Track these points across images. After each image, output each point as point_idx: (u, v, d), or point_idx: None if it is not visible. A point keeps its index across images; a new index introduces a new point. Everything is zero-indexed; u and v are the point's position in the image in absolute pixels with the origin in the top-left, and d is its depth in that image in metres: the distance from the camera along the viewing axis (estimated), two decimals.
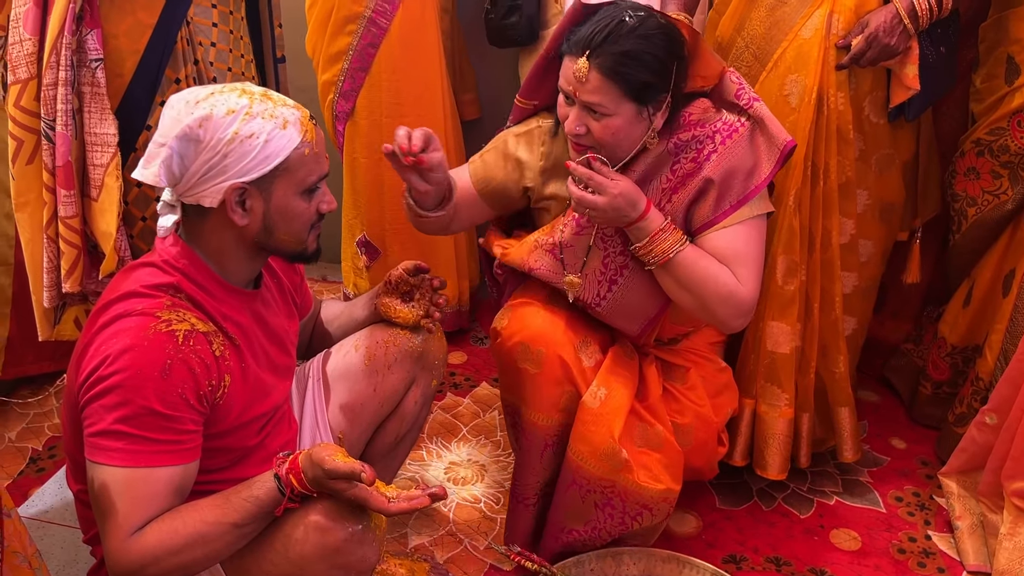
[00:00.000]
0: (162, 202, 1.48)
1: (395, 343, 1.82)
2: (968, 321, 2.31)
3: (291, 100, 1.48)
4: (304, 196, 1.47)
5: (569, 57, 1.70)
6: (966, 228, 2.26)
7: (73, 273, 2.06)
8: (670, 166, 1.80)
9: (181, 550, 1.32)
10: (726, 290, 1.75)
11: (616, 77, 1.65)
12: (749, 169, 1.78)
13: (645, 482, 1.82)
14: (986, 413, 2.02)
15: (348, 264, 2.89)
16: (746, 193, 1.77)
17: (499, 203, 1.95)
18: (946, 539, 2.10)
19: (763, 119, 1.78)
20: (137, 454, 1.33)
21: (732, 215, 1.77)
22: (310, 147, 1.45)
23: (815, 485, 2.27)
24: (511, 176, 1.92)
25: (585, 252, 1.85)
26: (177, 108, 1.41)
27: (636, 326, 1.92)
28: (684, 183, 1.79)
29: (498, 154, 1.92)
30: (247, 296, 1.55)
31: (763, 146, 1.78)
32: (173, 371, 1.34)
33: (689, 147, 1.79)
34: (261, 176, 1.41)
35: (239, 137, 1.39)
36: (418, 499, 1.35)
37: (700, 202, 1.79)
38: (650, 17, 1.69)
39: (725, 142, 1.77)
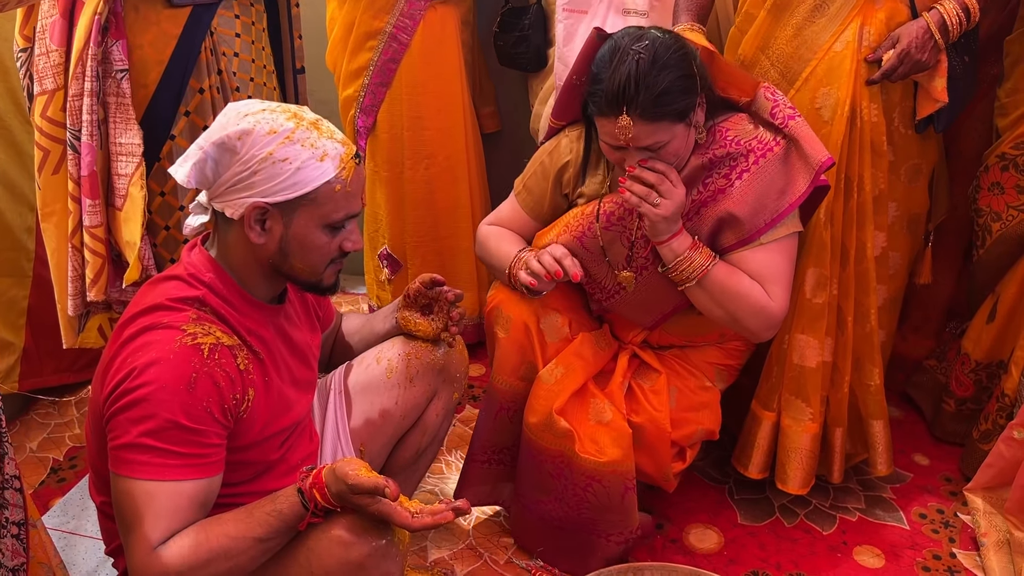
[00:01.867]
0: (196, 201, 1.49)
1: (417, 356, 1.82)
2: (992, 337, 2.28)
3: (341, 135, 1.48)
4: (327, 230, 1.47)
5: (605, 119, 1.71)
6: (990, 243, 2.24)
7: (98, 282, 2.08)
8: (702, 180, 1.82)
9: (205, 564, 1.31)
10: (758, 305, 1.80)
11: (660, 117, 1.67)
12: (782, 188, 1.79)
13: (587, 453, 1.85)
14: (1015, 428, 1.99)
15: (371, 277, 2.90)
16: (780, 212, 1.79)
17: (550, 218, 2.00)
18: (971, 557, 2.07)
19: (799, 139, 1.78)
20: (162, 467, 1.33)
21: (766, 233, 1.80)
22: (343, 184, 1.44)
23: (837, 501, 2.25)
24: (556, 194, 1.98)
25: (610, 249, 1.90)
26: (228, 115, 1.42)
27: (651, 318, 1.97)
28: (715, 198, 1.81)
29: (538, 178, 1.99)
30: (271, 311, 1.55)
31: (798, 164, 1.79)
32: (199, 385, 1.35)
33: (723, 163, 1.81)
34: (286, 201, 1.41)
35: (272, 158, 1.39)
36: (441, 514, 1.35)
37: (731, 220, 1.80)
38: (655, 41, 1.69)
39: (759, 161, 1.78)
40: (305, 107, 1.50)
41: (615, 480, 1.87)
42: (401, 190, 2.65)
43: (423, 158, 2.63)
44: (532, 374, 1.94)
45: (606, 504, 1.90)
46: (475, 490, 2.08)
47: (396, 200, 2.67)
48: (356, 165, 1.47)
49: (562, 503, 1.94)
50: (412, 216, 2.67)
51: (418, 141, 2.61)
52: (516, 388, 1.97)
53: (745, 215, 1.79)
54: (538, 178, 1.98)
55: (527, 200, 2.00)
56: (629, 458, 1.89)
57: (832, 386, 2.12)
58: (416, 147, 2.62)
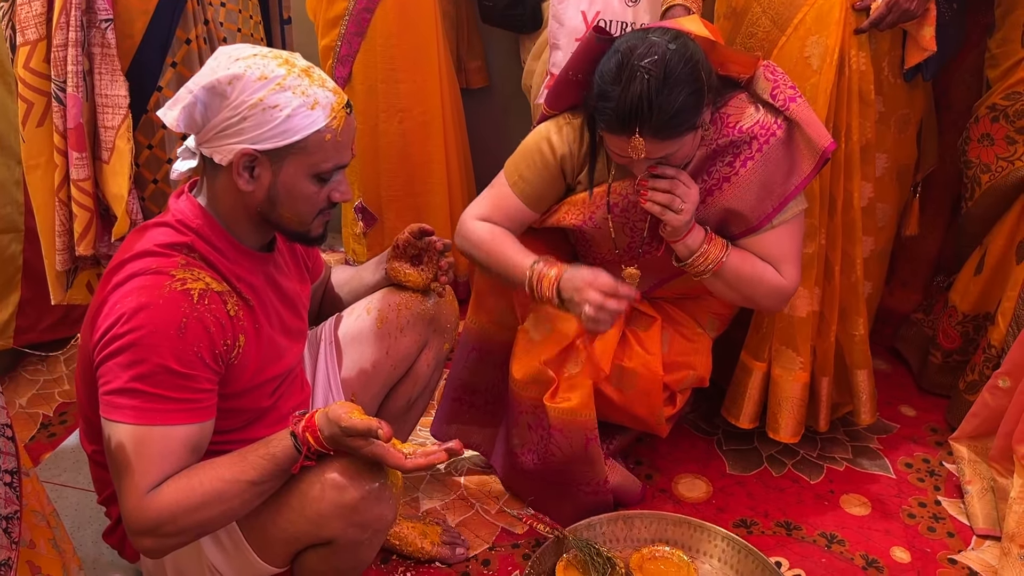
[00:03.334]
0: (184, 146, 1.47)
1: (407, 306, 1.82)
2: (980, 289, 2.30)
3: (333, 84, 1.46)
4: (315, 180, 1.45)
5: (615, 137, 1.68)
6: (979, 195, 2.25)
7: (86, 236, 2.06)
8: (707, 169, 1.82)
9: (198, 507, 1.32)
10: (771, 286, 1.83)
11: (673, 133, 1.64)
12: (787, 172, 1.79)
13: (550, 402, 1.87)
14: (999, 377, 2.01)
15: (347, 231, 2.90)
16: (785, 196, 1.80)
17: (547, 207, 1.95)
18: (956, 504, 2.10)
19: (801, 123, 1.77)
20: (153, 412, 1.33)
21: (775, 217, 1.81)
22: (333, 134, 1.43)
23: (825, 451, 2.28)
24: (556, 183, 1.92)
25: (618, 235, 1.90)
26: (219, 59, 1.40)
27: (646, 286, 1.99)
28: (719, 186, 1.81)
29: (538, 168, 1.89)
30: (260, 259, 1.54)
31: (802, 148, 1.79)
32: (189, 329, 1.34)
33: (726, 151, 1.80)
34: (275, 148, 1.40)
35: (263, 105, 1.37)
36: (435, 454, 1.36)
37: (737, 211, 1.81)
38: (663, 56, 1.61)
39: (762, 148, 1.78)
40: (297, 54, 1.48)
41: (576, 430, 1.89)
42: (375, 143, 2.64)
43: (397, 111, 2.62)
44: (506, 319, 1.97)
45: (570, 454, 1.92)
46: (444, 427, 2.13)
47: (370, 153, 2.66)
48: (347, 115, 1.46)
49: (535, 454, 1.97)
50: (386, 169, 2.66)
51: (392, 94, 2.59)
52: (488, 331, 2.00)
53: (752, 203, 1.80)
54: (538, 168, 1.89)
55: (526, 191, 1.90)
56: (587, 407, 1.89)
57: (819, 336, 2.14)
58: (390, 100, 2.60)
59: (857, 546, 1.98)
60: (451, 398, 2.12)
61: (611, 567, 1.84)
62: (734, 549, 1.88)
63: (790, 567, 1.93)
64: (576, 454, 1.93)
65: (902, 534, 2.02)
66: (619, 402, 1.99)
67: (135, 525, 1.33)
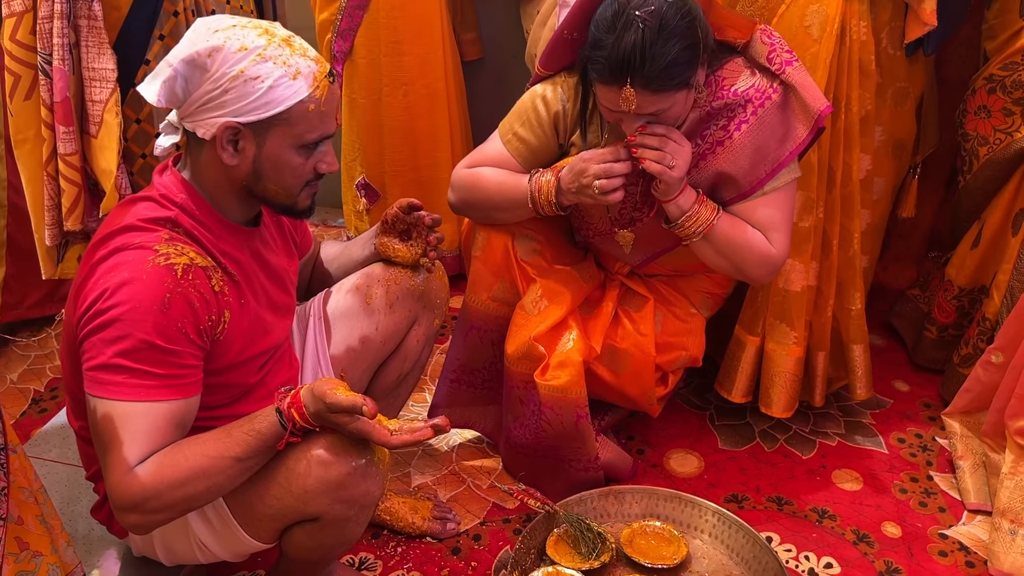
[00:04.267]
0: (167, 121, 1.45)
1: (396, 282, 1.81)
2: (976, 262, 2.29)
3: (315, 52, 1.44)
4: (300, 151, 1.44)
5: (606, 87, 1.66)
6: (977, 168, 2.23)
7: (74, 211, 2.05)
8: (701, 132, 1.80)
9: (183, 483, 1.32)
10: (761, 254, 1.80)
11: (665, 87, 1.63)
12: (781, 137, 1.77)
13: (541, 378, 1.87)
14: (992, 352, 2.01)
15: (349, 207, 2.87)
16: (780, 161, 1.77)
17: (538, 167, 1.92)
18: (948, 479, 2.10)
19: (796, 86, 1.75)
20: (137, 388, 1.32)
21: (768, 183, 1.79)
22: (317, 104, 1.41)
23: (817, 427, 2.27)
24: (550, 141, 1.90)
25: None
26: (197, 31, 1.38)
27: (639, 258, 1.98)
28: (713, 150, 1.79)
29: (532, 126, 1.88)
30: (246, 233, 1.53)
31: (797, 112, 1.77)
32: (172, 305, 1.33)
33: (721, 115, 1.78)
34: (258, 120, 1.38)
35: (244, 76, 1.35)
36: (421, 431, 1.35)
37: (730, 175, 1.79)
38: (662, 6, 1.60)
39: (757, 111, 1.76)
40: (277, 23, 1.46)
41: (566, 407, 1.89)
42: (379, 117, 2.61)
43: (401, 84, 2.58)
44: (506, 295, 1.96)
45: (561, 431, 1.92)
46: (447, 411, 2.11)
47: (374, 128, 2.64)
48: (330, 84, 1.44)
49: (527, 429, 1.97)
50: (390, 144, 2.63)
51: (396, 67, 2.56)
52: (489, 308, 1.98)
53: (745, 168, 1.78)
54: (532, 126, 1.88)
55: (520, 149, 1.89)
56: (577, 386, 1.89)
57: (815, 310, 2.13)
58: (394, 73, 2.57)
59: (848, 521, 1.98)
60: (449, 380, 2.11)
61: (601, 542, 1.84)
62: (725, 524, 1.88)
63: (781, 542, 1.93)
64: (567, 430, 1.92)
65: (893, 509, 2.02)
66: (611, 382, 1.98)
67: (120, 501, 1.32)
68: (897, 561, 1.88)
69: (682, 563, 1.83)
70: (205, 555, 1.58)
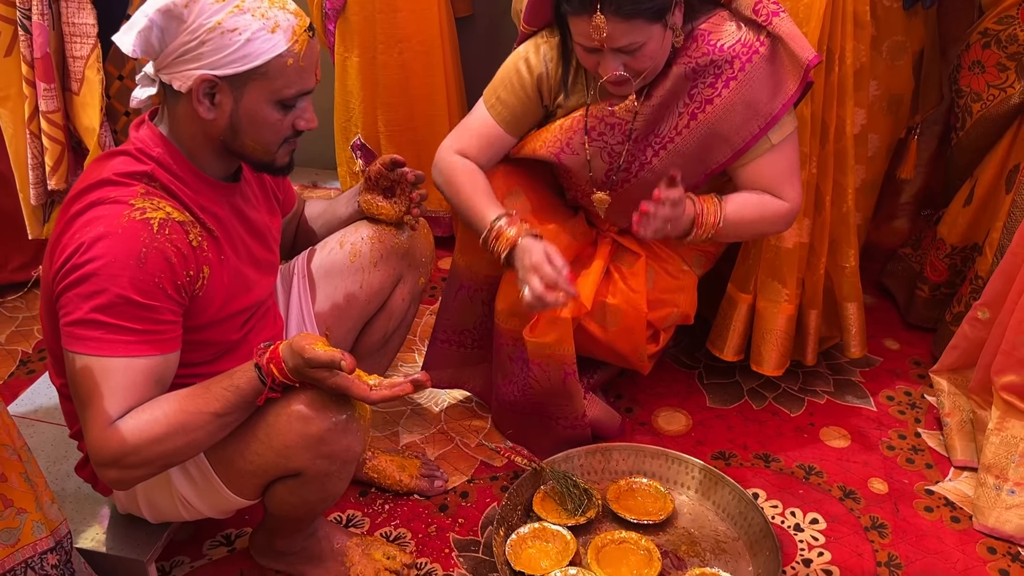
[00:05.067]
0: (143, 73, 1.43)
1: (380, 240, 1.79)
2: (968, 220, 2.27)
3: (294, 6, 1.41)
4: (278, 107, 1.41)
5: (578, 17, 1.63)
6: (970, 125, 2.20)
7: (58, 170, 2.04)
8: (688, 91, 1.77)
9: (162, 439, 1.31)
10: (776, 217, 1.83)
11: (635, 15, 1.59)
12: (772, 90, 1.74)
13: (530, 335, 1.87)
14: (979, 308, 2.00)
15: (343, 169, 2.84)
16: (773, 114, 1.75)
17: (525, 131, 1.91)
18: (935, 436, 2.10)
19: (783, 37, 1.72)
20: (114, 343, 1.31)
21: (761, 139, 1.77)
22: (296, 58, 1.38)
23: (806, 385, 2.27)
24: (534, 105, 1.88)
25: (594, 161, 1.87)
26: None
27: (627, 221, 1.91)
28: (703, 109, 1.77)
29: (515, 89, 1.86)
30: (225, 188, 1.51)
31: (786, 64, 1.74)
32: (149, 260, 1.32)
33: (707, 71, 1.75)
34: (235, 74, 1.36)
35: (221, 28, 1.33)
36: (400, 386, 1.35)
37: (722, 130, 1.76)
38: None
39: (745, 67, 1.72)
40: None
41: (554, 364, 1.88)
42: (374, 76, 2.57)
43: (396, 41, 2.54)
44: None
45: (548, 388, 1.92)
46: (438, 373, 2.11)
47: (369, 86, 2.60)
48: (309, 38, 1.42)
49: (515, 386, 1.97)
50: (386, 103, 2.59)
51: (391, 23, 2.52)
52: (476, 267, 1.97)
53: (736, 124, 1.75)
54: (514, 89, 1.86)
55: (503, 114, 1.87)
56: (566, 343, 1.88)
57: (808, 268, 2.11)
58: (389, 30, 2.52)
59: (835, 477, 1.98)
60: (440, 340, 2.10)
61: (587, 498, 1.85)
62: (711, 480, 1.88)
63: (767, 498, 1.93)
64: (555, 388, 1.92)
65: (880, 466, 2.02)
66: (601, 338, 1.97)
67: (99, 456, 1.32)
68: (883, 517, 1.88)
69: (668, 519, 1.84)
70: (189, 512, 1.58)
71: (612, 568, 1.71)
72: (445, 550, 1.81)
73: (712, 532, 1.83)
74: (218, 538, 1.83)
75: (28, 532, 1.46)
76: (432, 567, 1.77)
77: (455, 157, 1.87)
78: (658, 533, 1.82)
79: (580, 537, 1.79)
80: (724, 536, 1.82)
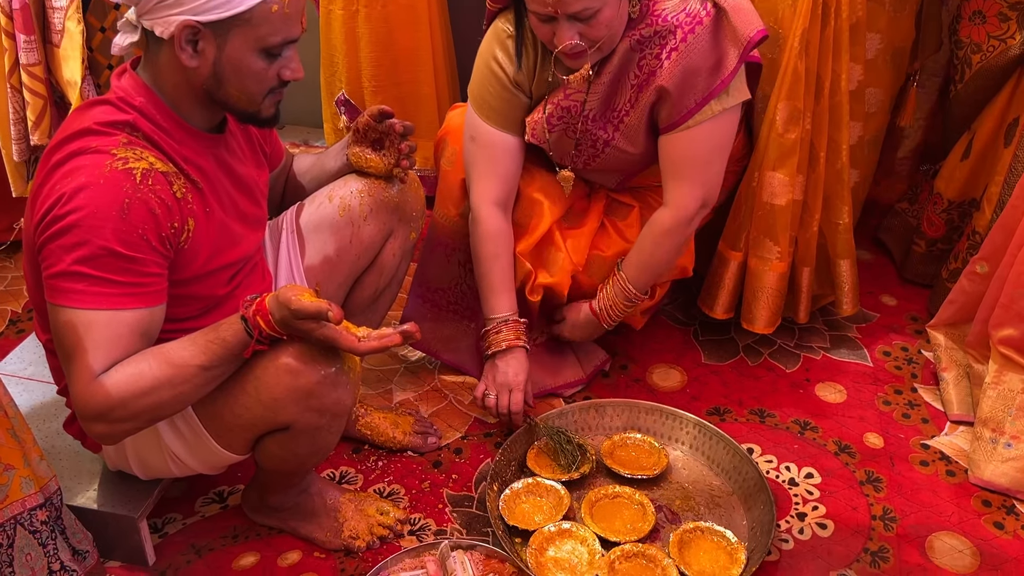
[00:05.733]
0: (124, 18, 1.39)
1: (370, 193, 1.76)
2: (966, 175, 2.24)
3: None
4: (263, 55, 1.38)
5: None
6: (969, 77, 2.17)
7: (40, 124, 2.00)
8: (636, 63, 1.73)
9: (148, 392, 1.30)
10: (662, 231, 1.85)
11: None
12: (713, 64, 1.70)
13: (532, 296, 1.89)
14: (977, 262, 1.98)
15: (329, 125, 2.80)
16: (711, 89, 1.70)
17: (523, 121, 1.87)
18: (932, 391, 2.09)
19: (727, 9, 1.67)
20: (98, 296, 1.29)
21: (697, 114, 1.72)
22: (280, 5, 1.34)
23: (802, 341, 2.26)
24: (518, 100, 1.84)
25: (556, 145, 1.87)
26: None
27: (612, 182, 1.96)
28: (648, 81, 1.73)
29: (496, 93, 1.83)
30: (210, 140, 1.48)
31: (729, 37, 1.69)
32: (132, 211, 1.29)
33: (652, 42, 1.70)
34: (219, 20, 1.32)
35: None
36: (389, 337, 1.33)
37: (664, 101, 1.72)
38: None
39: (686, 38, 1.68)
40: None
41: None
42: (356, 30, 2.52)
43: None
44: None
45: None
46: None
47: (351, 41, 2.55)
48: None
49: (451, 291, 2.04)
50: (369, 58, 2.54)
51: None
52: (457, 225, 1.95)
53: (675, 93, 1.71)
54: (497, 92, 1.82)
55: (499, 120, 1.84)
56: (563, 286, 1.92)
57: (801, 226, 2.09)
58: None
59: (830, 432, 1.98)
60: (416, 295, 2.10)
61: (581, 454, 1.84)
62: (705, 435, 1.87)
63: (762, 453, 1.92)
64: None
65: (876, 420, 2.01)
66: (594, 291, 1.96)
67: (85, 410, 1.30)
68: (878, 471, 1.87)
69: (662, 474, 1.83)
70: (180, 468, 1.56)
71: (606, 522, 1.71)
72: (439, 506, 1.80)
73: (706, 487, 1.82)
74: (211, 495, 1.82)
75: (16, 488, 1.45)
76: (426, 522, 1.76)
77: (491, 216, 1.87)
78: (652, 488, 1.81)
79: (574, 492, 1.79)
80: (718, 491, 1.81)
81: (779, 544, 1.71)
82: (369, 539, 1.69)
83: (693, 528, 1.67)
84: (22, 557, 1.46)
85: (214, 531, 1.74)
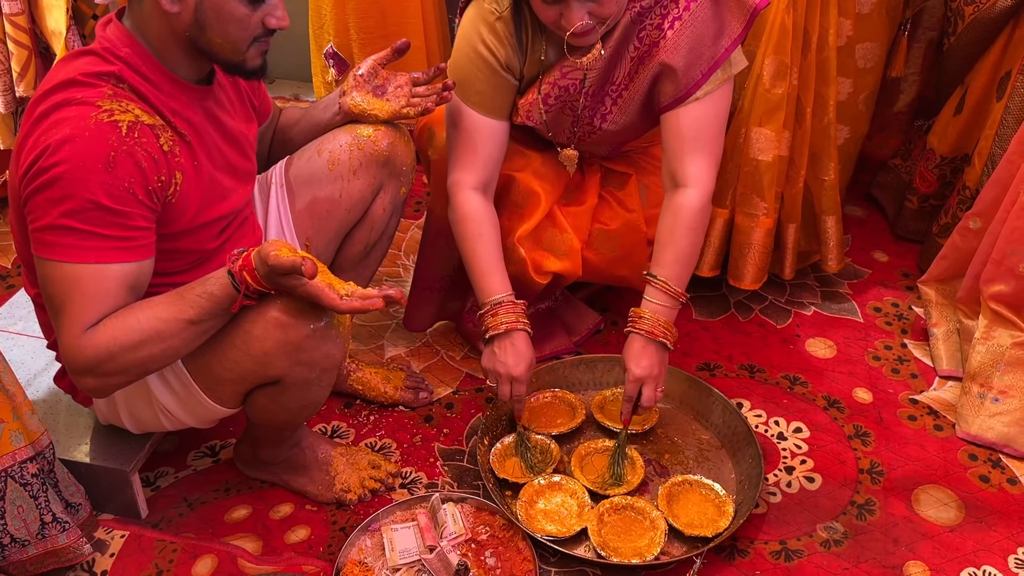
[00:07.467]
0: None
1: (359, 147, 1.74)
2: (959, 129, 2.23)
3: None
4: (246, 2, 1.35)
5: None
6: (962, 29, 2.15)
7: (25, 75, 1.98)
8: (636, 34, 1.69)
9: (137, 346, 1.29)
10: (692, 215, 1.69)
11: None
12: (716, 32, 1.65)
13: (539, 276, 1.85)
14: (970, 218, 1.97)
15: (318, 79, 2.76)
16: (716, 59, 1.66)
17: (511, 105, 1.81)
18: (921, 347, 2.10)
19: None
20: (86, 249, 1.28)
21: (705, 85, 1.67)
22: None
23: (793, 297, 2.26)
24: (508, 83, 1.77)
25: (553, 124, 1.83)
26: None
27: (607, 150, 1.93)
28: (650, 52, 1.68)
29: (485, 77, 1.74)
30: (198, 92, 1.46)
31: (732, 4, 1.65)
32: (118, 163, 1.28)
33: (653, 12, 1.66)
34: None
35: None
36: (372, 299, 1.32)
37: (668, 71, 1.67)
38: None
39: (689, 7, 1.63)
40: None
41: None
42: None
43: None
44: None
45: None
46: (422, 312, 2.07)
47: None
48: None
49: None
50: (356, 9, 2.50)
51: None
52: None
53: (680, 67, 1.66)
54: (486, 76, 1.74)
55: (485, 105, 1.76)
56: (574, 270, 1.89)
57: (787, 182, 2.08)
58: None
59: (819, 387, 1.99)
60: (423, 288, 2.05)
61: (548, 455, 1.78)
62: (695, 390, 1.88)
63: (751, 408, 1.94)
64: None
65: (865, 376, 2.02)
66: (601, 266, 1.94)
67: (74, 364, 1.30)
68: (866, 425, 1.89)
69: (652, 428, 1.84)
70: (171, 422, 1.57)
71: (595, 475, 1.72)
72: (430, 459, 1.81)
73: (695, 440, 1.84)
74: (203, 449, 1.83)
75: (6, 441, 1.46)
76: (417, 475, 1.78)
77: (472, 199, 1.76)
78: (642, 441, 1.83)
79: (564, 445, 1.80)
80: (707, 444, 1.83)
81: (767, 497, 1.73)
82: (361, 492, 1.70)
83: (682, 481, 1.69)
84: (14, 509, 1.47)
85: (206, 485, 1.76)
